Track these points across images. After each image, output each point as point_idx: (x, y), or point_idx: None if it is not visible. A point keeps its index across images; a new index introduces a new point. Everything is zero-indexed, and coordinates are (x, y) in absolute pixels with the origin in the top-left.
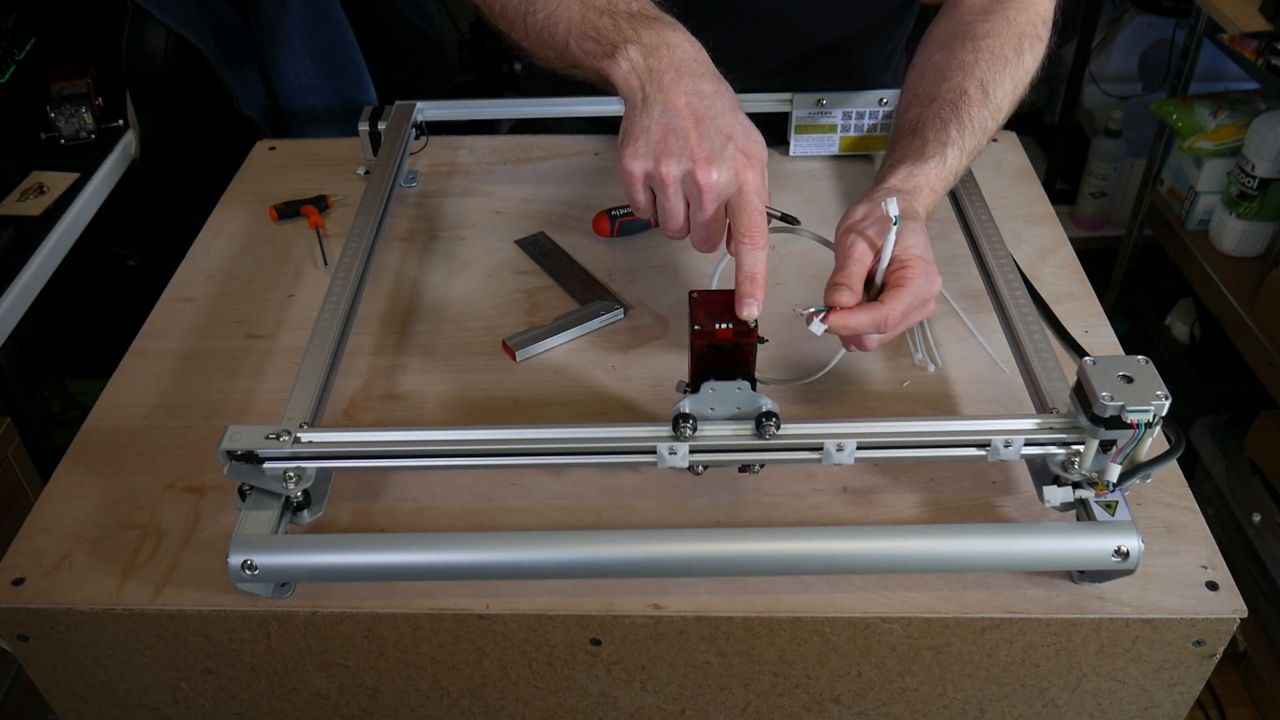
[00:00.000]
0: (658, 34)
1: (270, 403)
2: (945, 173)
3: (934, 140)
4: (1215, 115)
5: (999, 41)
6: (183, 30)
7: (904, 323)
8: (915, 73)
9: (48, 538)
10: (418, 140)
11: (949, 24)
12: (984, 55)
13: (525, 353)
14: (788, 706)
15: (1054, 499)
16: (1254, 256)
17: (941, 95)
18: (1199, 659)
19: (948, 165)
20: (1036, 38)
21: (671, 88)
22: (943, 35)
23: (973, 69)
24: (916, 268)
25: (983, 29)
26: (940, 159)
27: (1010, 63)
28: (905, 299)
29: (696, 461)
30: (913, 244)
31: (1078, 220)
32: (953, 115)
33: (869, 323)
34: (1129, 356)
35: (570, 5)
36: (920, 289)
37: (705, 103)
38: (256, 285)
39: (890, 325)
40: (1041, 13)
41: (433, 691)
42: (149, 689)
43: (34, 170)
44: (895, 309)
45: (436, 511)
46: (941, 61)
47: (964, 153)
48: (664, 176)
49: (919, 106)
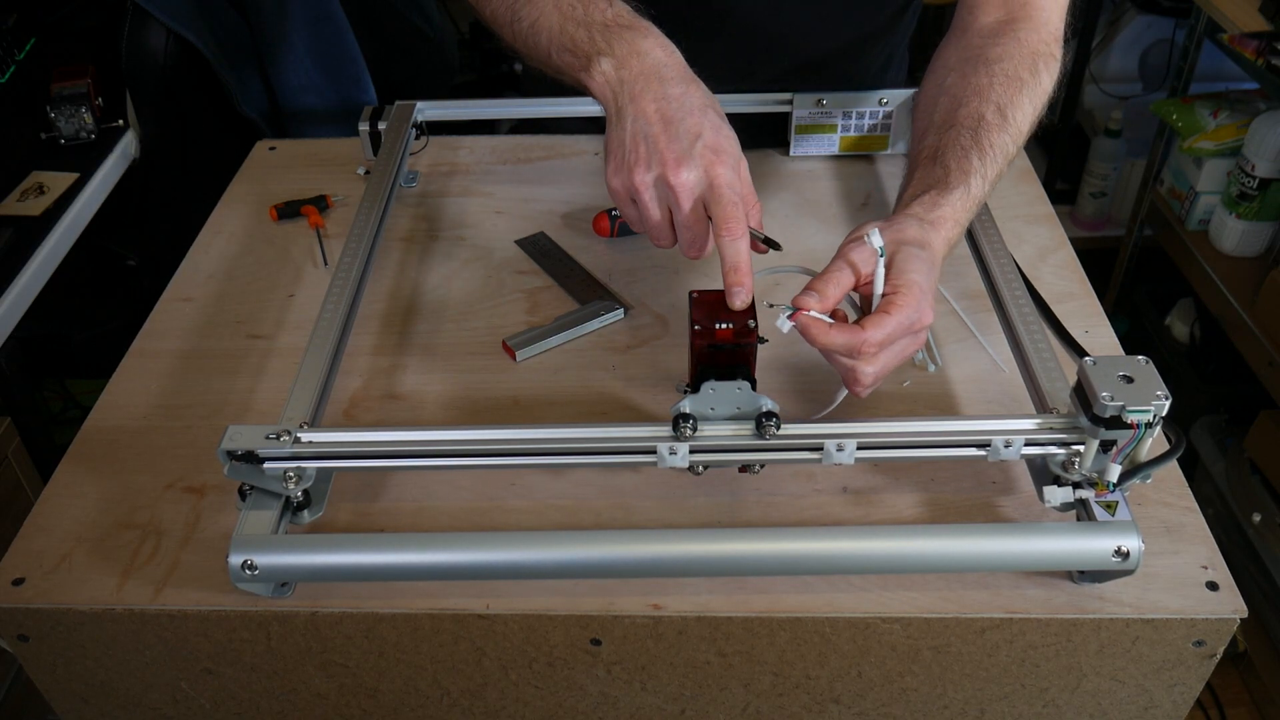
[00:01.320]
0: (629, 43)
1: (270, 403)
2: (970, 203)
3: (956, 169)
4: (1215, 115)
5: (1013, 64)
6: (183, 30)
7: (887, 354)
8: (927, 99)
9: (48, 538)
10: (418, 140)
11: (959, 48)
12: (999, 79)
13: (525, 353)
14: (788, 707)
15: (1054, 499)
16: (1254, 256)
17: (959, 121)
18: (1199, 659)
19: (972, 195)
20: (1050, 56)
21: (642, 96)
22: (953, 59)
23: (989, 93)
24: (906, 296)
25: (995, 52)
26: (964, 189)
27: (1026, 84)
28: (886, 326)
29: (696, 461)
30: (911, 271)
31: (1078, 220)
32: (973, 143)
33: (844, 344)
34: (1129, 356)
35: (550, 14)
36: (905, 318)
37: (673, 106)
38: (256, 285)
39: (866, 351)
40: (1053, 30)
41: (433, 691)
42: (149, 689)
43: (34, 170)
44: (874, 335)
45: (436, 511)
46: (955, 86)
47: (987, 181)
48: (638, 185)
49: (936, 133)
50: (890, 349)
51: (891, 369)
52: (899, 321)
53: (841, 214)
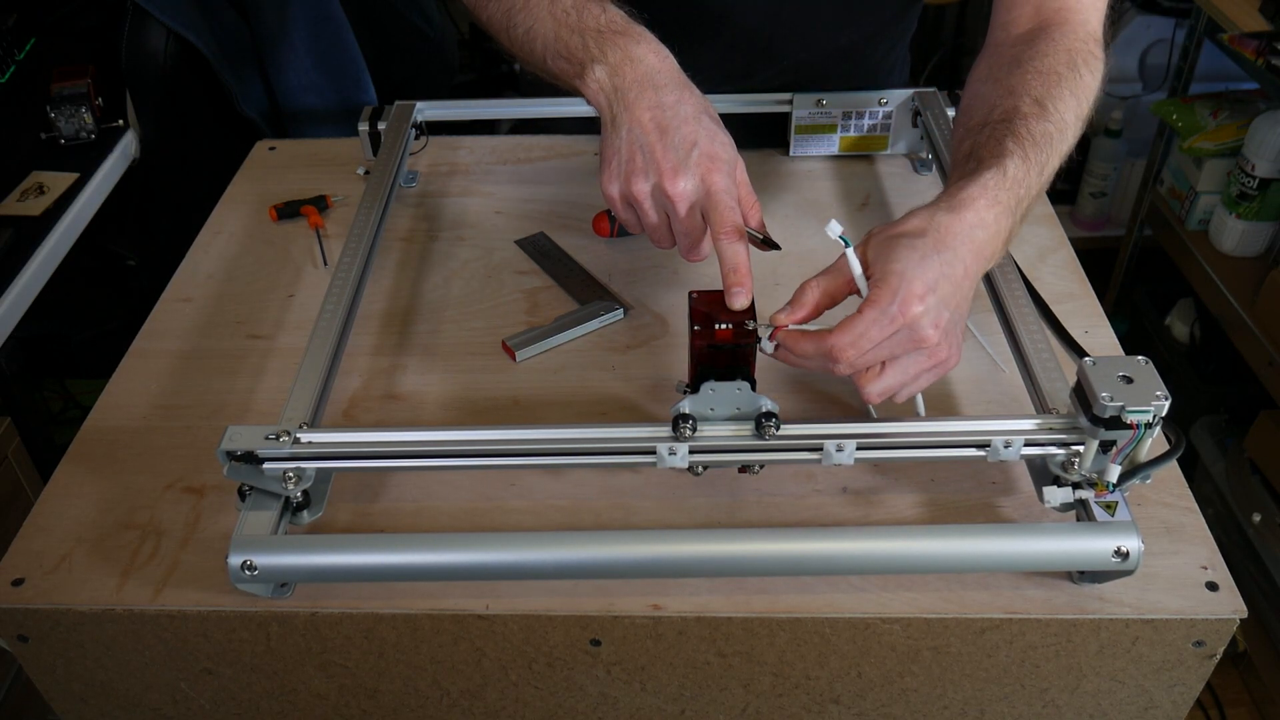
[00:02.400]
0: (622, 50)
1: (270, 403)
2: (1008, 183)
3: (989, 157)
4: (1215, 115)
5: (1049, 61)
6: (183, 30)
7: (864, 356)
8: (962, 113)
9: (48, 538)
10: (418, 140)
11: (991, 60)
12: (1033, 75)
13: (525, 353)
14: (787, 707)
15: (1054, 499)
16: (1254, 256)
17: (993, 120)
18: (1199, 659)
19: (1009, 176)
20: (1091, 55)
21: (636, 104)
22: (986, 70)
23: (1023, 90)
24: (880, 289)
25: (1028, 54)
26: (998, 170)
27: (1065, 78)
28: (855, 327)
29: (696, 462)
30: (893, 261)
31: (1078, 220)
32: (1007, 131)
33: (814, 351)
34: (1129, 357)
35: (545, 20)
36: (876, 313)
37: (668, 114)
38: (256, 285)
39: (839, 357)
40: (1092, 31)
41: (432, 692)
42: (149, 689)
43: (34, 170)
44: (840, 339)
45: (436, 512)
46: (989, 93)
47: (1028, 163)
48: (636, 195)
49: (971, 137)
50: (878, 346)
51: (897, 364)
52: (870, 318)
53: (841, 214)
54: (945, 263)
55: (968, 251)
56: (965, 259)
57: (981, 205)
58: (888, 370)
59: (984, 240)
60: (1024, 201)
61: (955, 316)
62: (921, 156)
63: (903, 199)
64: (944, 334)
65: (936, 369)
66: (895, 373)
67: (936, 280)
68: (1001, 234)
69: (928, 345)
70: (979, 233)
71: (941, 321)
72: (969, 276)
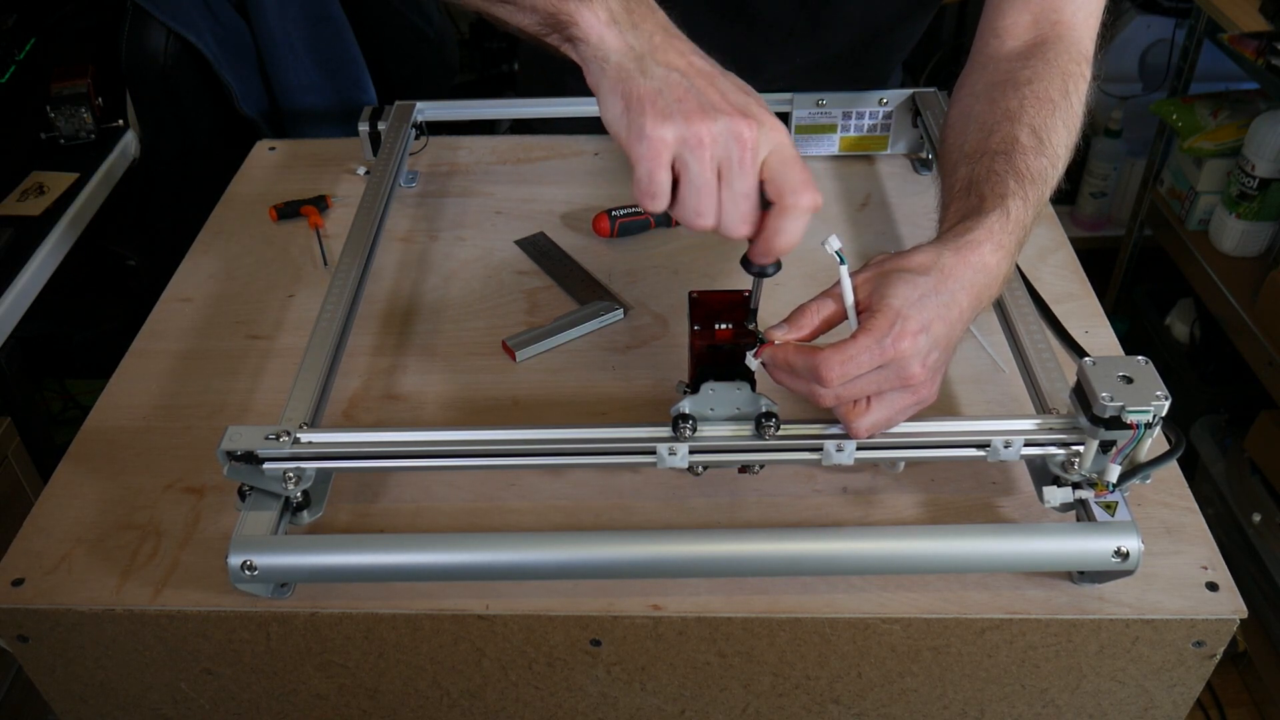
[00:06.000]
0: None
1: (270, 403)
2: (1010, 225)
3: (992, 195)
4: (1215, 115)
5: (1044, 85)
6: (183, 30)
7: (850, 384)
8: (955, 130)
9: (47, 538)
10: (417, 140)
11: (985, 74)
12: (1029, 101)
13: (525, 353)
14: (788, 707)
15: (1054, 499)
16: (1254, 256)
17: (991, 148)
18: (1199, 660)
19: (1012, 218)
20: (1080, 76)
21: (665, 48)
22: (980, 86)
23: (1020, 116)
24: (875, 319)
25: (1024, 74)
26: (1001, 212)
27: (1059, 106)
28: (845, 350)
29: (696, 462)
30: (890, 295)
31: (1078, 220)
32: (1008, 167)
33: (802, 365)
34: (1129, 357)
35: None
36: (869, 341)
37: (708, 66)
38: (256, 285)
39: (826, 375)
40: (1083, 50)
41: (432, 692)
42: (149, 689)
43: (34, 170)
44: (830, 357)
45: (436, 512)
46: (984, 113)
47: (1028, 204)
48: (702, 136)
49: (968, 164)
50: (864, 376)
51: (884, 399)
52: (862, 344)
53: (841, 215)
54: (943, 304)
55: (965, 295)
56: (962, 302)
57: (987, 250)
58: (874, 406)
59: (984, 284)
60: (1022, 242)
61: (943, 357)
62: (921, 156)
63: (903, 199)
64: (931, 373)
65: (916, 405)
66: (882, 408)
67: (931, 320)
68: (1001, 276)
69: (913, 383)
70: (980, 277)
71: (930, 361)
72: (963, 320)
